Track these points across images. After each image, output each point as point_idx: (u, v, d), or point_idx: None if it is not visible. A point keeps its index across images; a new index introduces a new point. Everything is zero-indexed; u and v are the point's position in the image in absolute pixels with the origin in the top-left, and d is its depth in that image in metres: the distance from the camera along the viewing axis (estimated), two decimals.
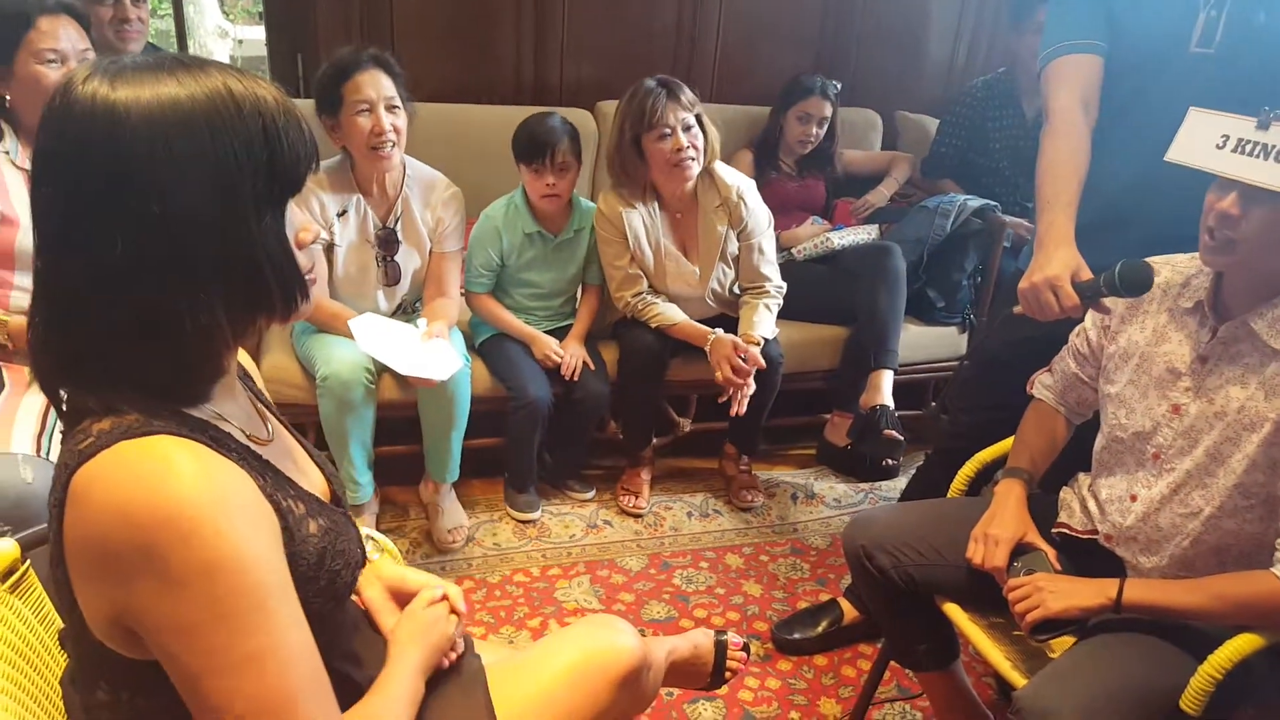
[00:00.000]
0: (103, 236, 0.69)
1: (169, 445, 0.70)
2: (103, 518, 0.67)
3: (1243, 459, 1.19)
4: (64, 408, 0.76)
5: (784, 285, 2.43)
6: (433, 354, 2.08)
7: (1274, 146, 1.10)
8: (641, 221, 2.32)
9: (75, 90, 0.69)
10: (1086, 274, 1.35)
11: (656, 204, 2.34)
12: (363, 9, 2.69)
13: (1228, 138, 1.16)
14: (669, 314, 2.35)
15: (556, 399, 2.31)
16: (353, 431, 2.06)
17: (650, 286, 2.39)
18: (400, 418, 2.23)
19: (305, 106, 2.19)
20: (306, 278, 0.79)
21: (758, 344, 2.26)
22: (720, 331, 2.29)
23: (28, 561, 0.96)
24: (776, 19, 3.08)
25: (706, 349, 2.29)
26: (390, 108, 2.04)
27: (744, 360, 2.21)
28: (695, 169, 2.24)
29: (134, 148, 0.68)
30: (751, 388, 2.24)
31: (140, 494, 0.66)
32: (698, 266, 2.38)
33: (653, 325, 2.35)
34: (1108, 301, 1.35)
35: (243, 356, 0.91)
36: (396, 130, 2.05)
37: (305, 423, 2.17)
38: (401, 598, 1.05)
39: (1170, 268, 1.33)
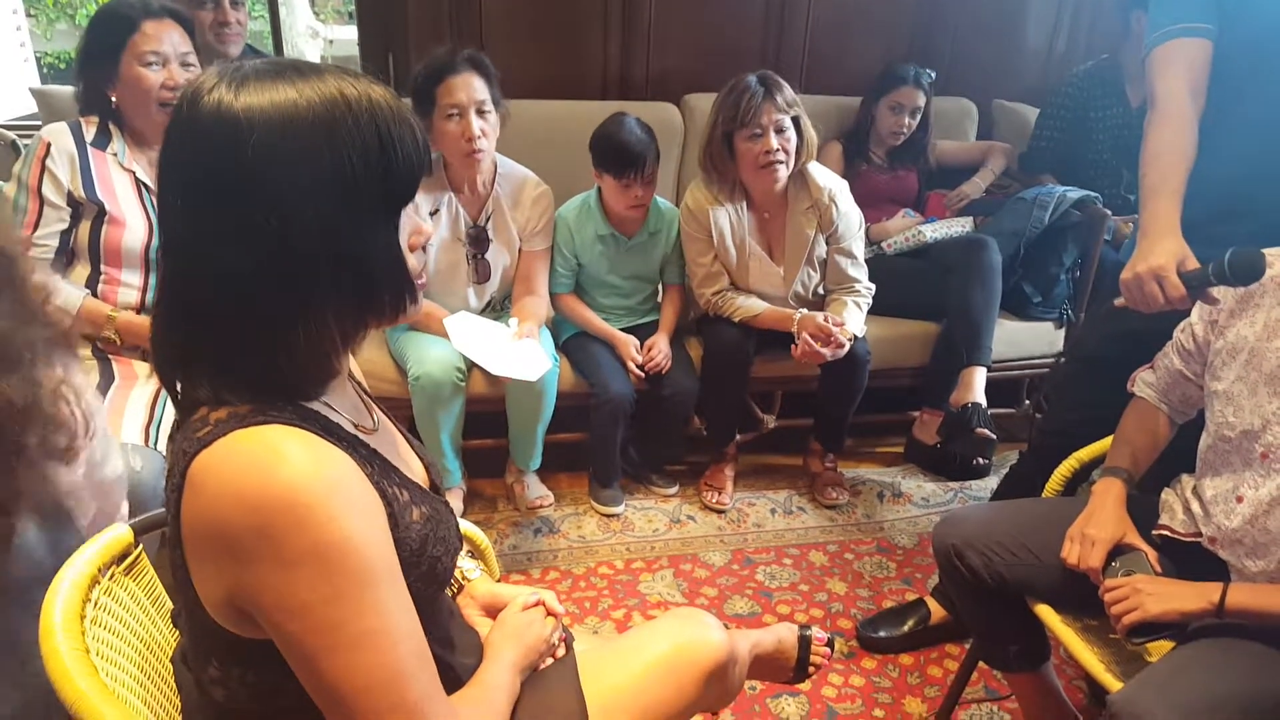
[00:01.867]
0: (225, 241, 0.72)
1: (282, 434, 0.72)
2: (220, 503, 0.70)
3: None
4: (179, 398, 0.79)
5: (873, 286, 2.39)
6: (524, 354, 2.13)
7: None
8: (728, 219, 2.31)
9: (201, 99, 0.71)
10: (1193, 263, 1.29)
11: (745, 203, 2.32)
12: (452, 7, 2.73)
13: None
14: (751, 306, 2.34)
15: (643, 395, 2.33)
16: (443, 423, 2.14)
17: (732, 284, 2.39)
18: (488, 411, 2.29)
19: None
20: (416, 282, 0.81)
21: (849, 336, 2.23)
22: (806, 310, 2.27)
23: (140, 546, 1.02)
24: (868, 7, 3.02)
25: (795, 329, 2.24)
26: (480, 112, 2.07)
27: (835, 330, 2.18)
28: (783, 173, 2.21)
29: (256, 156, 0.70)
30: (826, 356, 2.20)
31: (255, 479, 0.69)
32: (782, 268, 2.36)
33: (736, 320, 2.34)
34: (1216, 292, 1.29)
35: None
36: (485, 134, 2.08)
37: (398, 415, 2.25)
38: (498, 613, 1.08)
39: None
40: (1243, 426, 1.26)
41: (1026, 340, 2.67)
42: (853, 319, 2.31)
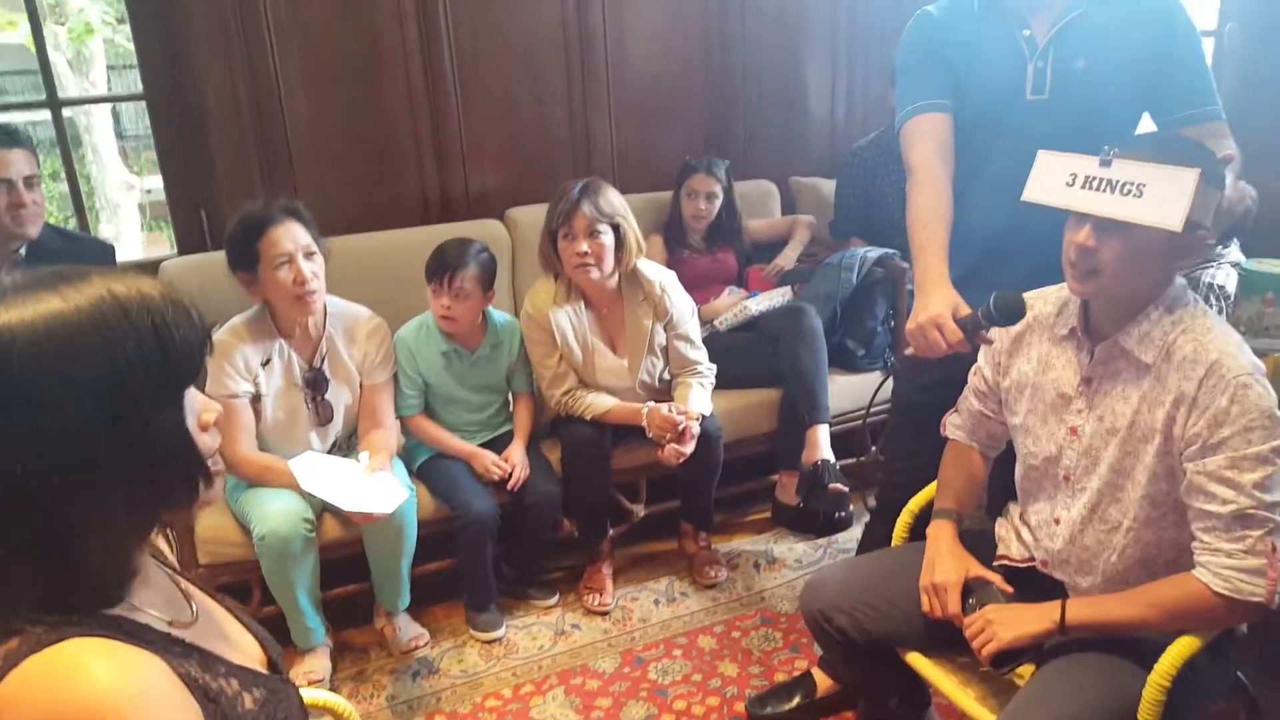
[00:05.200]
0: None
1: (79, 649, 0.68)
2: None
3: (1144, 470, 1.25)
4: None
5: (714, 366, 2.49)
6: (377, 487, 2.06)
7: (1118, 181, 1.19)
8: (569, 320, 2.36)
9: None
10: (965, 310, 1.42)
11: (583, 302, 2.39)
12: (260, 155, 2.70)
13: (1075, 175, 1.25)
14: (600, 403, 2.38)
15: (507, 508, 2.30)
16: (298, 581, 2.03)
17: (581, 382, 2.43)
18: (346, 556, 2.19)
19: (217, 259, 2.20)
20: (209, 462, 0.79)
21: (695, 419, 2.30)
22: (652, 403, 2.34)
23: None
24: (664, 108, 3.21)
25: (644, 424, 2.32)
26: (308, 255, 2.07)
27: (681, 419, 2.26)
28: (594, 274, 2.29)
29: (23, 371, 0.67)
30: (687, 451, 2.27)
31: (58, 708, 0.64)
32: (626, 359, 2.43)
33: (588, 417, 2.37)
34: (990, 333, 1.42)
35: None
36: (316, 276, 2.08)
37: (250, 578, 2.13)
38: None
39: (1042, 300, 1.41)
40: (1043, 454, 1.38)
41: (859, 392, 2.82)
42: (698, 399, 2.39)
